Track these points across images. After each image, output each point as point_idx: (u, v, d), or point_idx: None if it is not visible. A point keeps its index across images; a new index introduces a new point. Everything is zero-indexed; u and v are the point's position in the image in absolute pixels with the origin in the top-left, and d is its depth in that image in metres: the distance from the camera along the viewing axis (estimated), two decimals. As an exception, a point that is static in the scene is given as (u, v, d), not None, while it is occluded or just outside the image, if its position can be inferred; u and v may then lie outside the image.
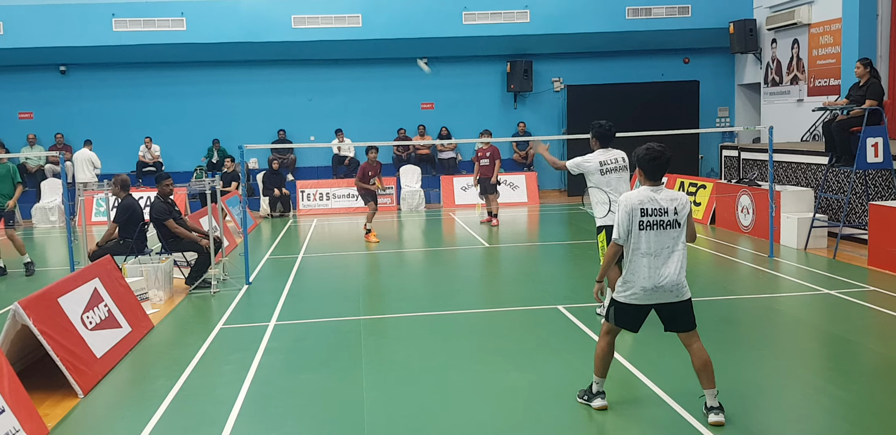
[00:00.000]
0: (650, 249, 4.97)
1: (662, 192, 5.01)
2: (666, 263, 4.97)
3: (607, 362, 5.35)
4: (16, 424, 4.94)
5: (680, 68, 20.93)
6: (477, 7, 19.00)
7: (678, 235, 5.00)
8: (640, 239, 4.97)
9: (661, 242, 4.97)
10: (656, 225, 4.95)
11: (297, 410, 5.61)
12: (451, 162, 20.05)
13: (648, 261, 4.97)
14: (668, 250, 4.98)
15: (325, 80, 20.30)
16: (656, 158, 5.02)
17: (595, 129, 7.46)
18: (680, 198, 5.03)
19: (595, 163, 7.33)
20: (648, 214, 4.94)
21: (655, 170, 5.03)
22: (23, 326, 5.96)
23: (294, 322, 8.15)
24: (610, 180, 7.29)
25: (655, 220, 4.95)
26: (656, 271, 4.96)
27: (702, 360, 5.09)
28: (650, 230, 4.95)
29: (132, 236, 9.67)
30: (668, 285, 4.98)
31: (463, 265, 11.46)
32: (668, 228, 4.96)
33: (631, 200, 4.98)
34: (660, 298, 5.03)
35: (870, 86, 10.51)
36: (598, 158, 7.37)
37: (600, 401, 5.36)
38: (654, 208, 4.95)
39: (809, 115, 15.12)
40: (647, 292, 5.01)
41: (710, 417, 5.07)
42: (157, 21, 18.34)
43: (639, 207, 4.95)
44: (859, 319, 7.58)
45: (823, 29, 16.47)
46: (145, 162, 19.37)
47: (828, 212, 12.17)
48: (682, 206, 5.00)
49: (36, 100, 19.74)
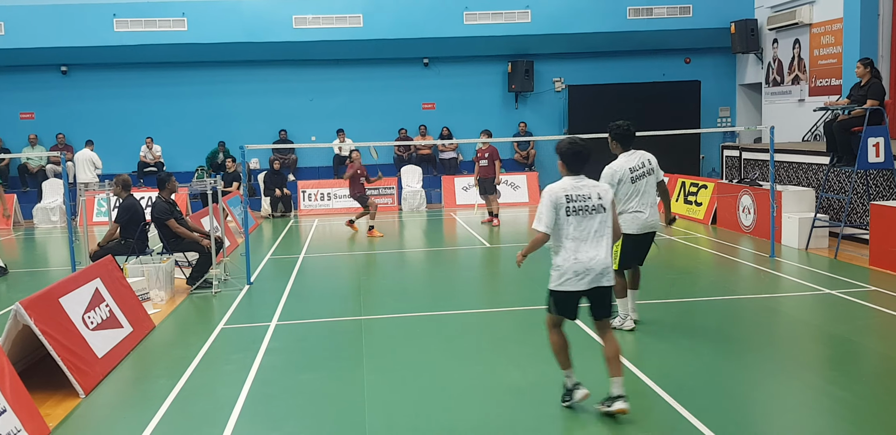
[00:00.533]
0: (578, 233, 5.18)
1: (584, 182, 5.26)
2: (595, 247, 5.19)
3: (567, 353, 5.46)
4: (17, 424, 4.94)
5: (681, 68, 20.92)
6: (478, 7, 19.00)
7: (604, 219, 5.23)
8: (569, 224, 5.18)
9: (588, 226, 5.20)
10: (581, 210, 5.18)
11: (299, 410, 5.61)
12: (453, 162, 20.05)
13: (577, 245, 5.18)
14: (597, 234, 5.21)
15: (327, 81, 20.30)
16: (579, 152, 5.25)
17: (613, 130, 7.10)
18: (600, 185, 5.34)
19: (625, 170, 6.95)
20: (573, 200, 5.17)
21: (578, 163, 5.28)
22: (24, 326, 5.96)
23: (295, 322, 8.15)
24: (639, 187, 6.99)
25: (580, 205, 5.18)
26: (586, 254, 5.17)
27: (614, 348, 5.32)
28: (576, 215, 5.18)
29: (133, 236, 9.67)
30: (598, 267, 5.18)
31: (464, 265, 11.46)
32: (592, 212, 5.20)
33: (555, 190, 5.21)
34: (591, 281, 5.20)
35: (871, 86, 10.51)
36: (626, 165, 6.99)
37: (581, 391, 5.35)
38: (577, 195, 5.19)
39: (810, 115, 15.11)
40: (580, 275, 5.18)
41: (615, 405, 5.16)
42: (158, 21, 18.35)
43: (563, 194, 5.18)
44: (860, 320, 7.57)
45: (825, 29, 16.46)
46: (146, 162, 19.38)
47: (829, 212, 12.16)
48: (605, 191, 5.27)
49: (37, 100, 19.75)
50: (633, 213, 7.03)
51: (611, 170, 6.97)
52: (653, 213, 7.12)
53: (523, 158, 20.41)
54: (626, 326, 7.27)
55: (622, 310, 7.29)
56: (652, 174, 7.11)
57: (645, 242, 7.26)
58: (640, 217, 7.04)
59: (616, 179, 6.93)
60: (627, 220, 6.97)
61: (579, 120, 19.71)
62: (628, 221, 6.98)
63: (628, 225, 6.95)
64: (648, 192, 7.06)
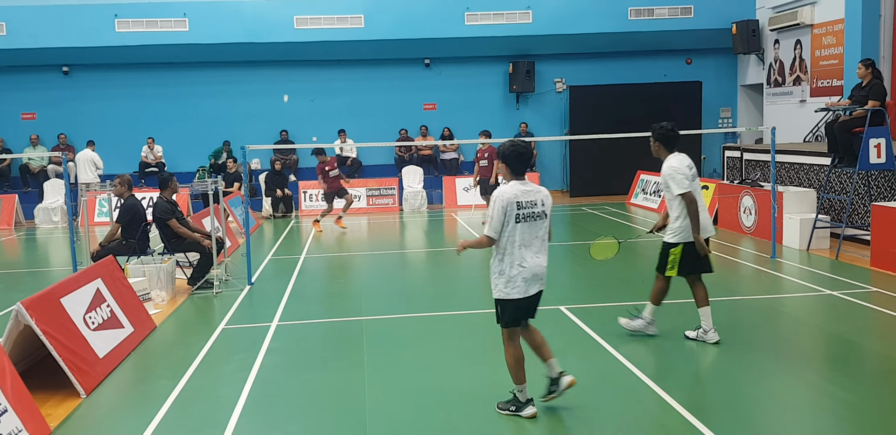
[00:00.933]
0: (524, 240, 5.19)
1: (530, 187, 5.24)
2: (538, 253, 5.24)
3: (522, 367, 5.36)
4: (18, 425, 4.95)
5: (682, 69, 20.92)
6: (479, 8, 19.02)
7: (545, 225, 5.29)
8: (516, 231, 5.16)
9: (533, 232, 5.21)
10: (529, 217, 5.18)
11: (299, 411, 5.61)
12: (454, 163, 20.05)
13: (524, 252, 5.19)
14: (539, 240, 5.25)
15: (328, 81, 20.31)
16: (522, 154, 5.22)
17: (657, 131, 6.76)
18: (543, 190, 5.32)
19: (687, 170, 6.61)
20: (523, 207, 5.16)
21: (521, 165, 5.24)
22: (25, 327, 5.96)
23: (296, 323, 8.15)
24: (695, 188, 6.61)
25: (529, 212, 5.17)
26: (533, 261, 5.21)
27: (540, 337, 5.50)
28: (524, 222, 5.17)
29: (135, 237, 9.68)
30: (541, 274, 5.28)
31: (464, 266, 11.45)
32: (538, 219, 5.22)
33: (507, 195, 5.14)
34: (538, 286, 5.30)
35: (872, 86, 10.51)
36: (684, 162, 6.67)
37: (531, 409, 5.31)
38: (527, 201, 5.17)
39: (812, 115, 15.11)
40: (528, 282, 5.23)
41: (563, 380, 5.37)
42: (159, 22, 18.37)
43: (514, 201, 5.14)
44: (862, 320, 7.57)
45: (826, 29, 16.46)
46: (148, 163, 19.40)
47: (830, 213, 12.15)
48: (546, 197, 5.30)
49: (39, 100, 19.78)
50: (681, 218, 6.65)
51: (672, 169, 6.58)
52: (707, 216, 6.77)
53: (524, 159, 20.38)
54: (650, 331, 7.05)
55: (649, 313, 7.02)
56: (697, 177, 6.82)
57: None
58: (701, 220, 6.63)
59: (679, 182, 6.53)
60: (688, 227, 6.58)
61: (580, 121, 19.72)
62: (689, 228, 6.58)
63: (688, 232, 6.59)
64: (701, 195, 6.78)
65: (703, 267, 6.82)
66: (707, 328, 6.83)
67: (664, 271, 6.82)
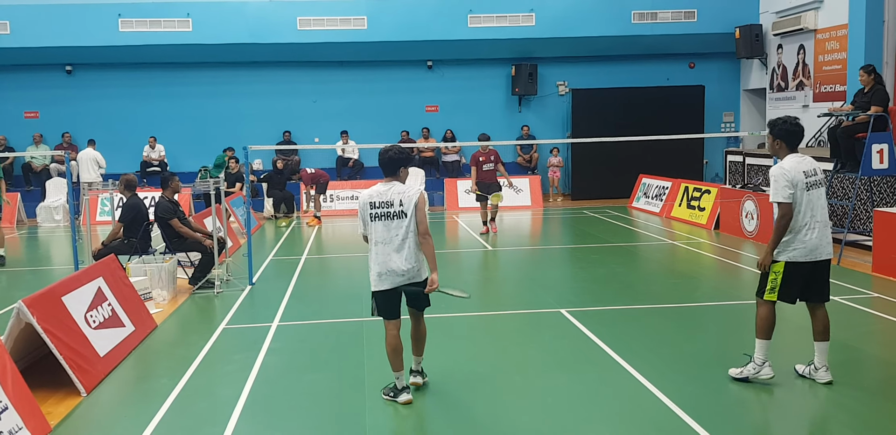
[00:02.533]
0: (381, 237, 5.55)
1: (393, 187, 5.57)
2: (397, 250, 5.53)
3: (399, 356, 5.69)
4: (19, 422, 4.95)
5: (685, 73, 20.92)
6: (482, 10, 19.03)
7: (406, 224, 5.53)
8: (374, 229, 5.58)
9: (390, 231, 5.53)
10: (384, 216, 5.54)
11: (299, 411, 5.61)
12: (455, 165, 20.05)
13: (382, 248, 5.55)
14: (399, 238, 5.53)
15: (330, 82, 20.32)
16: (385, 154, 5.61)
17: (779, 127, 5.72)
18: (407, 191, 5.58)
19: (800, 174, 5.61)
20: (376, 207, 5.55)
21: (391, 167, 5.62)
22: (26, 325, 5.97)
23: (297, 323, 8.15)
24: (812, 199, 5.64)
25: (383, 211, 5.54)
26: (388, 257, 5.53)
27: (422, 331, 5.91)
28: (379, 221, 5.55)
29: (136, 236, 9.68)
30: (399, 270, 5.55)
31: (466, 268, 11.46)
32: (394, 218, 5.53)
33: (363, 196, 5.63)
34: (396, 280, 5.59)
35: (875, 92, 10.51)
36: (800, 167, 5.62)
37: (406, 395, 5.63)
38: (381, 201, 5.55)
39: (815, 120, 15.10)
40: (384, 277, 5.58)
41: (415, 379, 5.86)
42: (163, 22, 18.40)
43: (368, 201, 5.59)
44: (863, 326, 7.56)
45: (829, 35, 16.46)
46: (150, 162, 19.41)
47: (832, 218, 12.15)
48: (409, 198, 5.54)
49: (42, 99, 19.79)
50: (800, 232, 5.68)
51: (780, 170, 5.62)
52: (824, 235, 5.74)
53: (526, 162, 20.41)
54: (763, 374, 5.85)
55: (760, 354, 5.87)
56: (823, 186, 5.78)
57: (817, 272, 5.87)
58: (807, 238, 5.67)
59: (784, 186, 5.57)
60: (792, 242, 5.68)
61: (583, 124, 19.73)
62: (793, 243, 5.69)
63: (791, 249, 5.69)
64: (821, 207, 5.74)
65: (817, 294, 5.93)
66: (819, 365, 5.90)
67: (763, 294, 5.86)
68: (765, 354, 5.86)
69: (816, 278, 5.83)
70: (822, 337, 5.89)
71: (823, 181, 5.78)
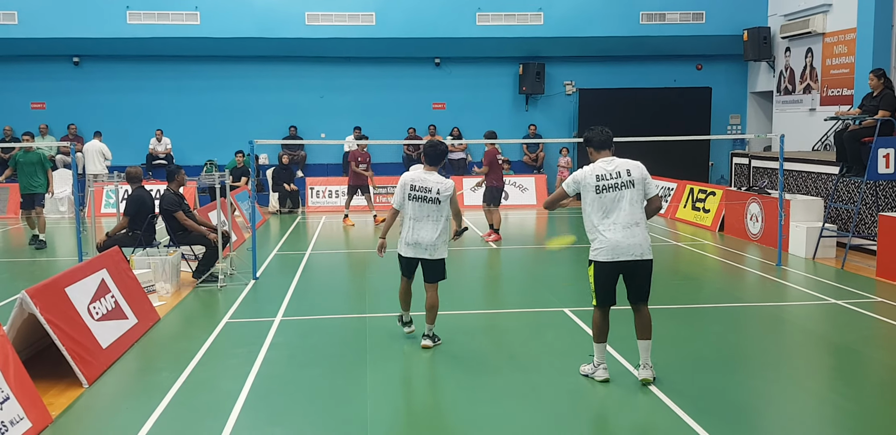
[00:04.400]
0: (414, 214, 6.75)
1: (433, 176, 6.79)
2: (424, 227, 6.72)
3: (407, 301, 7.13)
4: (20, 412, 4.96)
5: (693, 74, 20.89)
6: (491, 8, 19.01)
7: (436, 209, 6.73)
8: (410, 206, 6.76)
9: (423, 211, 6.73)
10: (420, 199, 6.73)
11: (301, 405, 5.62)
12: (462, 163, 20.04)
13: (413, 223, 6.74)
14: (429, 218, 6.72)
15: (337, 78, 20.31)
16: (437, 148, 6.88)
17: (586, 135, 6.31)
18: (444, 183, 6.77)
19: (591, 177, 5.95)
20: (416, 190, 6.74)
21: (438, 159, 6.90)
22: (29, 315, 5.97)
23: (300, 318, 8.16)
24: (604, 201, 5.91)
25: (420, 195, 6.73)
26: (417, 231, 6.73)
27: (434, 301, 6.92)
28: (415, 201, 6.74)
29: (141, 228, 9.70)
30: (424, 244, 6.72)
31: (469, 266, 11.45)
32: (429, 202, 6.72)
33: (405, 177, 6.82)
34: (418, 253, 6.78)
35: (883, 96, 10.47)
36: (594, 171, 5.99)
37: (409, 328, 7.20)
38: (420, 186, 6.73)
39: (821, 124, 15.07)
40: (409, 246, 6.78)
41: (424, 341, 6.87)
42: (171, 14, 18.40)
43: (409, 183, 6.76)
44: (866, 330, 7.55)
45: (838, 38, 16.42)
46: (156, 155, 19.43)
47: (837, 222, 12.12)
48: (445, 190, 6.74)
49: (49, 90, 19.81)
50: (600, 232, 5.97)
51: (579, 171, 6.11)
52: (629, 236, 5.85)
53: (532, 161, 20.40)
54: (598, 375, 5.97)
55: (597, 356, 6.02)
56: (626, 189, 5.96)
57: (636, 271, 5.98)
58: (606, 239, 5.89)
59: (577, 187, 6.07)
60: (594, 242, 5.94)
61: (589, 123, 19.44)
62: (595, 243, 5.96)
63: (594, 249, 5.95)
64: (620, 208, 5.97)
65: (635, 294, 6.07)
66: (642, 363, 5.93)
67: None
68: (601, 356, 6.02)
69: (634, 278, 5.99)
70: (642, 335, 5.99)
71: (626, 184, 5.92)
